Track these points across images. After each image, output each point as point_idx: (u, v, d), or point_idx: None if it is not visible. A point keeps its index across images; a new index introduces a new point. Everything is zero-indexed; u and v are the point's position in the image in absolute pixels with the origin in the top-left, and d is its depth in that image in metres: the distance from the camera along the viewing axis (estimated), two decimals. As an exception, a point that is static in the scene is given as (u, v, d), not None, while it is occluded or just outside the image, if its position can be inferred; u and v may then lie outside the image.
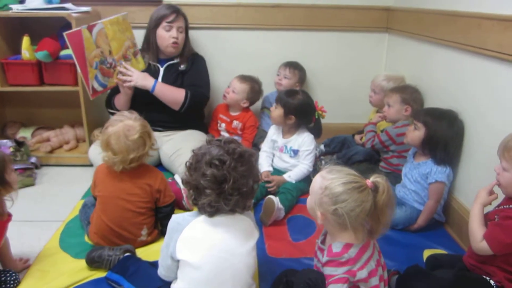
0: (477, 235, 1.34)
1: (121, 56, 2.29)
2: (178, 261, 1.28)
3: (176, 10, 2.38)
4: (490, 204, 1.42)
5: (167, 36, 2.37)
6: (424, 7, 2.30)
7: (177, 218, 1.32)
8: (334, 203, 1.20)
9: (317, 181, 1.27)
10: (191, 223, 1.28)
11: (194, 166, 1.28)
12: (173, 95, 2.35)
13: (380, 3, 2.74)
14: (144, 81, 2.29)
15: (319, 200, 1.24)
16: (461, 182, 1.92)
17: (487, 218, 1.38)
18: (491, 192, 1.41)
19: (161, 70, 2.45)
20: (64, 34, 2.06)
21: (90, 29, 2.13)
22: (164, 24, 2.35)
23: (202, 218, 1.28)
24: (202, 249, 1.25)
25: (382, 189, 1.22)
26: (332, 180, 1.22)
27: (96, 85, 2.20)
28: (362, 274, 1.22)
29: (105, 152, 1.63)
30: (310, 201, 1.29)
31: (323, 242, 1.35)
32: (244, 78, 2.60)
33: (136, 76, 2.27)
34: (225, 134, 2.65)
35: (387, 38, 2.82)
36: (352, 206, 1.18)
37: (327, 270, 1.23)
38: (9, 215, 1.47)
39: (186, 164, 1.32)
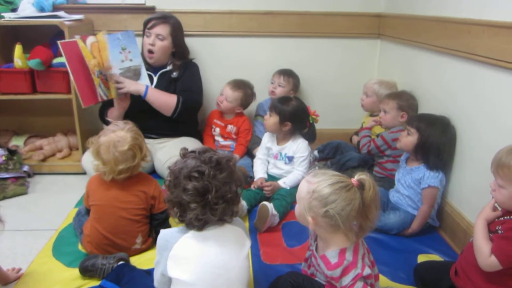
0: (485, 251, 1.27)
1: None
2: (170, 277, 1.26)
3: (158, 17, 2.36)
4: (494, 220, 1.34)
5: (145, 43, 2.37)
6: (415, 14, 2.33)
7: (165, 235, 1.28)
8: (324, 205, 1.20)
9: (304, 186, 1.27)
10: (180, 240, 1.24)
11: (173, 182, 1.25)
12: (165, 100, 2.34)
13: (372, 10, 2.76)
14: (137, 86, 2.28)
15: (308, 204, 1.24)
16: (454, 187, 1.94)
17: (489, 230, 1.32)
18: (494, 208, 1.34)
19: (155, 78, 2.44)
20: (59, 42, 2.06)
21: (83, 39, 2.15)
22: (146, 30, 2.35)
23: (191, 234, 1.25)
24: (195, 267, 1.22)
25: (368, 185, 1.23)
26: (319, 183, 1.22)
27: (101, 93, 2.22)
28: (367, 271, 1.23)
29: (96, 160, 1.64)
30: (299, 207, 1.29)
31: (316, 249, 1.35)
32: (236, 85, 2.58)
33: (128, 83, 2.26)
34: (220, 139, 2.65)
35: (379, 44, 2.85)
36: (342, 205, 1.19)
37: (342, 282, 1.23)
38: None
39: (165, 182, 1.30)
